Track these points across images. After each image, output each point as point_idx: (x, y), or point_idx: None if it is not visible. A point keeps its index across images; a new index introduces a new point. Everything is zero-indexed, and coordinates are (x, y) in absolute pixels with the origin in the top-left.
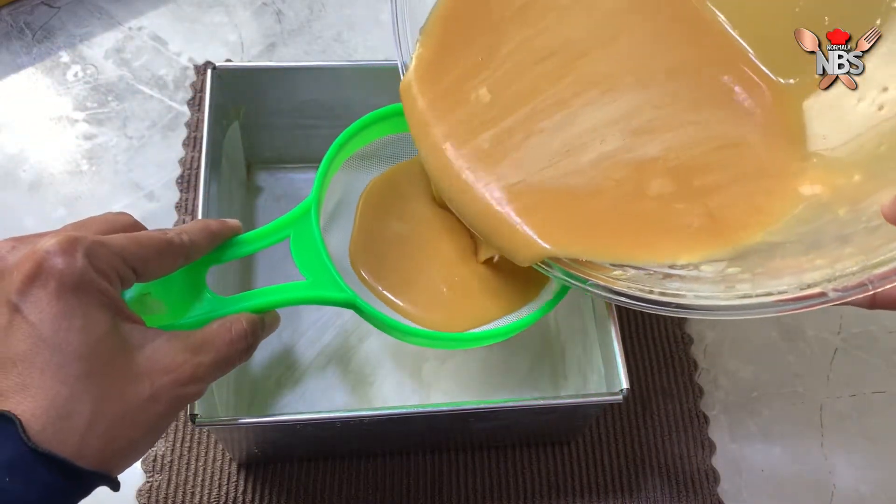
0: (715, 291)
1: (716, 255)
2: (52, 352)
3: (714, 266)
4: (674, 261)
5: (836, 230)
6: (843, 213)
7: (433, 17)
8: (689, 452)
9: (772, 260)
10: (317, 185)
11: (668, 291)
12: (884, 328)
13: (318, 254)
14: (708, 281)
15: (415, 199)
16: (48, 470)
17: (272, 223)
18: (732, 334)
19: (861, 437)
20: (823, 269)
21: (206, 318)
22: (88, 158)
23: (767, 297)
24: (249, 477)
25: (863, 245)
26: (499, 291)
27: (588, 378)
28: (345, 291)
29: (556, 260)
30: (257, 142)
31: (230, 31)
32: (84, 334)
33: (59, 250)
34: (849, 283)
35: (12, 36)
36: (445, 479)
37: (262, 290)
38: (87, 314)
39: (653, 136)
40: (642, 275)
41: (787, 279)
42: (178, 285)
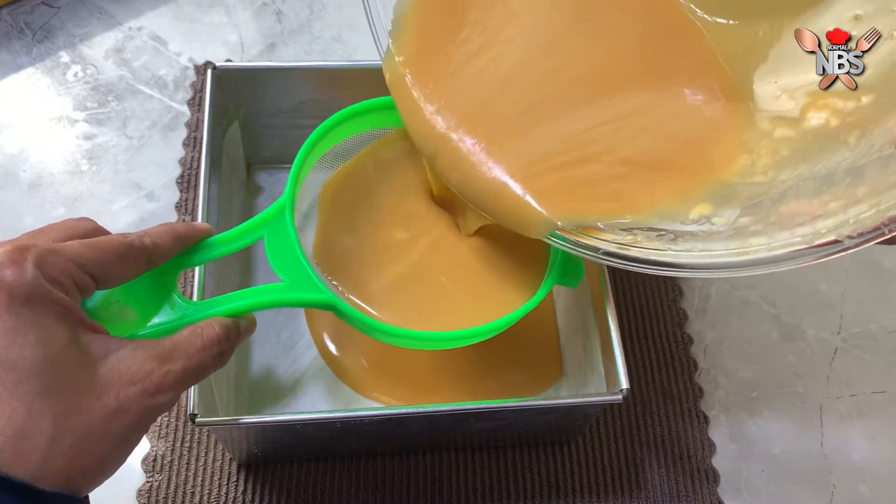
0: (729, 248)
1: (712, 194)
2: (6, 369)
3: (725, 217)
4: (675, 207)
5: (849, 162)
6: (853, 141)
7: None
8: (689, 452)
9: (784, 204)
10: (290, 184)
11: (682, 252)
12: (884, 328)
13: (294, 254)
14: (721, 237)
15: (382, 191)
16: (6, 493)
17: (244, 224)
18: (732, 334)
19: (861, 437)
20: (837, 215)
21: (177, 325)
22: (88, 158)
23: (782, 249)
24: (249, 477)
25: (877, 182)
26: (483, 287)
27: (588, 378)
28: (323, 293)
29: (566, 232)
30: (257, 142)
31: (230, 31)
32: (40, 348)
33: (6, 261)
34: (864, 229)
35: (12, 36)
36: (445, 479)
37: (236, 293)
38: (42, 326)
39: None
40: (654, 236)
41: (800, 229)
42: (146, 291)
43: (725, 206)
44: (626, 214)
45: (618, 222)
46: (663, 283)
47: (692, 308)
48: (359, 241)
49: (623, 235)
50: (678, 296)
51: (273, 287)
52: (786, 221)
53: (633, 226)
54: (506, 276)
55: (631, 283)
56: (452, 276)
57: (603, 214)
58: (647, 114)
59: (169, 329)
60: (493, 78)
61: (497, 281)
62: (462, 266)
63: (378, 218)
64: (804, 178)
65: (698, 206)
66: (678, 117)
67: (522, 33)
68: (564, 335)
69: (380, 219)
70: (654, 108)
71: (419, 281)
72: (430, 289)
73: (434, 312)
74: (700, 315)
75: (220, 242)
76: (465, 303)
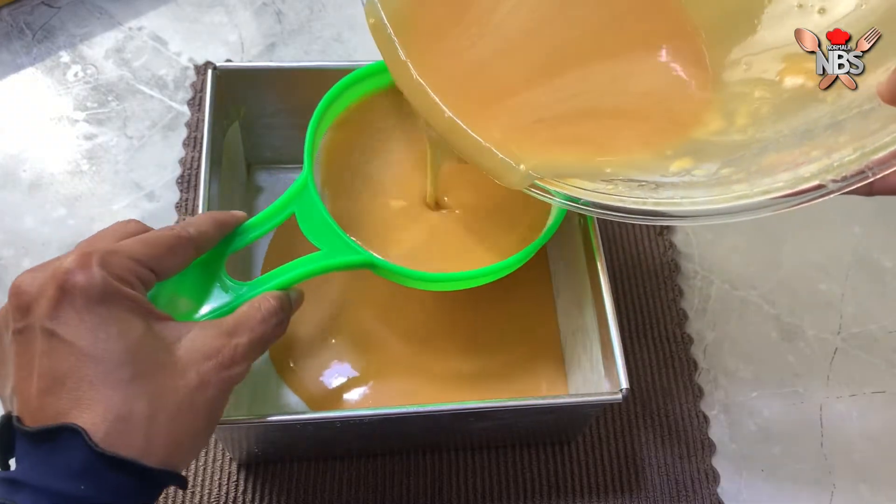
0: (710, 195)
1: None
2: (96, 363)
3: (706, 169)
4: (649, 159)
5: (828, 118)
6: (830, 99)
7: None
8: (689, 452)
9: (765, 156)
10: (307, 157)
11: (663, 200)
12: (884, 328)
13: (326, 223)
14: (702, 185)
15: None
16: (117, 473)
17: (274, 204)
18: (732, 334)
19: (861, 437)
20: (820, 161)
21: (234, 305)
22: (88, 158)
23: (764, 195)
24: (249, 477)
25: (858, 131)
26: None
27: (588, 378)
28: (361, 253)
29: (547, 182)
30: (257, 142)
31: (230, 31)
32: (121, 340)
33: (75, 267)
34: (847, 172)
35: (12, 36)
36: (445, 479)
37: (281, 268)
38: (120, 320)
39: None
40: (634, 186)
41: (783, 174)
42: (200, 280)
43: (705, 161)
44: (598, 157)
45: (595, 170)
46: (663, 283)
47: (692, 308)
48: (366, 203)
49: (604, 185)
50: (678, 296)
51: (313, 256)
52: (767, 170)
53: (612, 176)
54: (512, 222)
55: (631, 283)
56: (462, 224)
57: (576, 159)
58: (623, 78)
59: (228, 310)
60: (480, 48)
61: (503, 224)
62: (469, 213)
63: (381, 178)
64: (784, 134)
65: (678, 160)
66: (651, 78)
67: (512, 10)
68: (564, 335)
69: (383, 179)
70: (629, 72)
71: (434, 233)
72: (445, 238)
73: (453, 259)
74: (700, 315)
75: (256, 224)
76: (478, 248)
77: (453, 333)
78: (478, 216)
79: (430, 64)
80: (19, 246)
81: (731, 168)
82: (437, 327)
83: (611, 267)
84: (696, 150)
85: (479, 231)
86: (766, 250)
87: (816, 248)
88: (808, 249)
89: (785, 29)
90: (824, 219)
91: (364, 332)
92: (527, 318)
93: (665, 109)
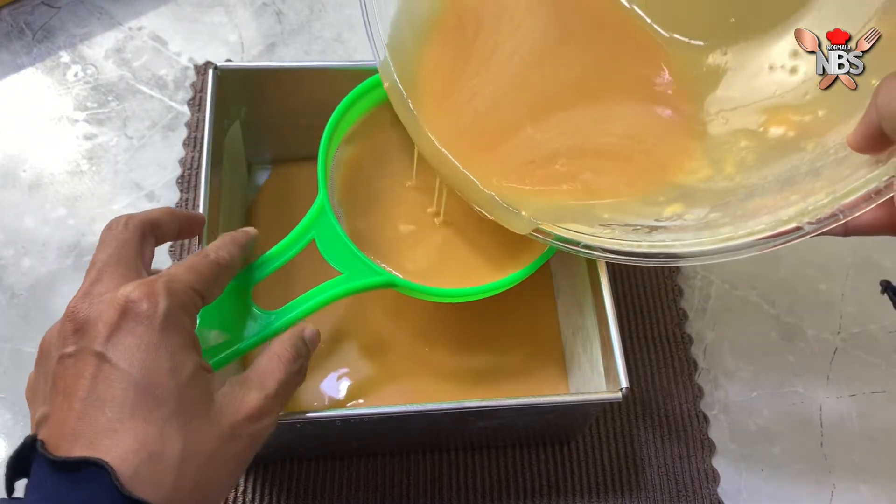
0: (699, 238)
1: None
2: (143, 395)
3: (696, 214)
4: (638, 203)
5: (808, 165)
6: (811, 148)
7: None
8: (689, 452)
9: (750, 202)
10: (322, 180)
11: (657, 243)
12: (884, 328)
13: (346, 246)
14: (692, 229)
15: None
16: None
17: (293, 232)
18: (732, 334)
19: (861, 437)
20: (797, 205)
21: (262, 336)
22: (88, 158)
23: (749, 237)
24: (249, 477)
25: (832, 176)
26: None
27: (588, 378)
28: (382, 275)
29: (548, 226)
30: (258, 141)
31: (230, 31)
32: (173, 377)
33: (141, 296)
34: (822, 215)
35: (12, 36)
36: (445, 479)
37: (305, 295)
38: (175, 356)
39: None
40: (630, 231)
41: (764, 218)
42: (229, 311)
43: (696, 206)
44: (590, 200)
45: (592, 216)
46: (663, 283)
47: (692, 308)
48: (380, 219)
49: (601, 230)
50: (678, 296)
51: (336, 281)
52: (751, 214)
53: (609, 222)
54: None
55: (631, 283)
56: (468, 242)
57: (571, 204)
58: (606, 120)
59: (257, 341)
60: (478, 100)
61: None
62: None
63: (392, 193)
64: (768, 180)
65: (671, 206)
66: (632, 122)
67: (508, 60)
68: (564, 335)
69: (394, 193)
70: (611, 115)
71: (447, 246)
72: (454, 256)
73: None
74: (700, 315)
75: (278, 254)
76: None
77: (453, 333)
78: (483, 230)
79: (438, 121)
80: (19, 246)
81: (719, 213)
82: (436, 327)
83: (611, 267)
84: (686, 196)
85: (488, 243)
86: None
87: (816, 248)
88: (808, 249)
89: (760, 85)
90: None
91: (365, 331)
92: (527, 317)
93: (645, 151)
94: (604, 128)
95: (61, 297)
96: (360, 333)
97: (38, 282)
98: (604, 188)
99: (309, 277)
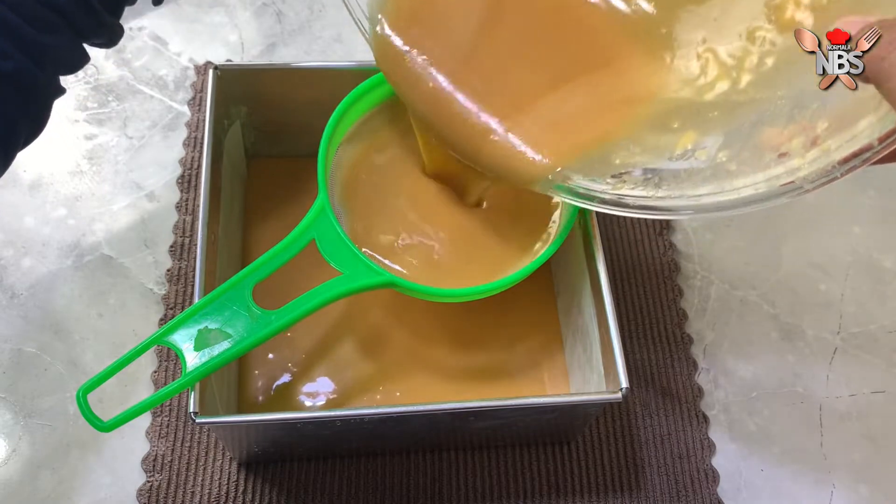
0: (707, 190)
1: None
2: None
3: (707, 148)
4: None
5: (815, 85)
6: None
7: None
8: (689, 452)
9: (759, 132)
10: (322, 181)
11: (664, 195)
12: (884, 328)
13: (346, 246)
14: (699, 178)
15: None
16: None
17: (293, 232)
18: (732, 334)
19: (861, 437)
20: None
21: (262, 336)
22: (89, 158)
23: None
24: (249, 477)
25: (836, 113)
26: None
27: (588, 378)
28: (382, 275)
29: (560, 180)
30: (258, 141)
31: (230, 31)
32: None
33: None
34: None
35: None
36: (445, 479)
37: (305, 295)
38: None
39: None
40: (640, 181)
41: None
42: (231, 312)
43: (709, 133)
44: (609, 138)
45: (605, 156)
46: (663, 284)
47: (692, 308)
48: (379, 218)
49: (612, 183)
50: (678, 296)
51: (335, 281)
52: (756, 160)
53: (620, 168)
54: (509, 239)
55: (631, 283)
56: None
57: (585, 140)
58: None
59: (258, 341)
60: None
61: (504, 243)
62: (472, 233)
63: (391, 192)
64: (781, 97)
65: (685, 134)
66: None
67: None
68: (564, 335)
69: (393, 192)
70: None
71: (441, 253)
72: (454, 257)
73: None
74: (700, 315)
75: (277, 254)
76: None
77: (453, 333)
78: (483, 230)
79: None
80: (19, 246)
81: (728, 151)
82: (436, 327)
83: (611, 267)
84: (700, 120)
85: (488, 243)
86: (766, 250)
87: (816, 248)
88: (808, 249)
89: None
90: (824, 219)
91: (365, 331)
92: (527, 317)
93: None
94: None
95: (61, 297)
96: (359, 333)
97: (38, 282)
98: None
99: (309, 277)
